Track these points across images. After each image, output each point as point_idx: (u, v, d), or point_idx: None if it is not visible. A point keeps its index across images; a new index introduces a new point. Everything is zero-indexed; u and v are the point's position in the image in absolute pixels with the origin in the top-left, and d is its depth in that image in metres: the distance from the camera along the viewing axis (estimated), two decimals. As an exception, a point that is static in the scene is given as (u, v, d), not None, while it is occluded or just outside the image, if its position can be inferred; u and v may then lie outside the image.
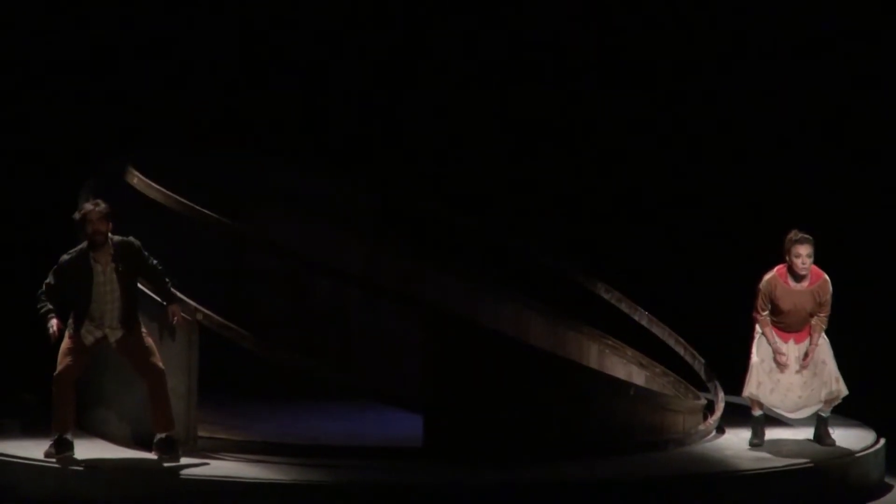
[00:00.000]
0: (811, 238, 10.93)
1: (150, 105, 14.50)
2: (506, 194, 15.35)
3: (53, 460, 9.91)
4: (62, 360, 10.07)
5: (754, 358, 11.04)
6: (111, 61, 14.55)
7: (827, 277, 11.04)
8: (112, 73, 14.54)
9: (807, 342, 11.04)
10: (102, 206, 10.09)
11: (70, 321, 10.13)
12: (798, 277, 10.97)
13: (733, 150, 15.22)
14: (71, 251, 10.22)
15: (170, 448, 10.10)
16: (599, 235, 15.20)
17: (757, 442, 11.07)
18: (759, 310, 11.05)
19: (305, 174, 13.83)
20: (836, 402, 11.13)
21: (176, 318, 10.29)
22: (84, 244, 10.14)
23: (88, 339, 10.12)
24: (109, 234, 10.11)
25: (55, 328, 9.99)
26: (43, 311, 10.06)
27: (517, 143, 15.47)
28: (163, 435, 10.13)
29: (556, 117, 15.40)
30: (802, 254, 10.90)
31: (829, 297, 11.04)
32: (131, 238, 10.22)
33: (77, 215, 10.12)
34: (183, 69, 14.72)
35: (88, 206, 10.10)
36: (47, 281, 10.14)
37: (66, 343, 10.11)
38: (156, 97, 14.54)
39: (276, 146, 14.53)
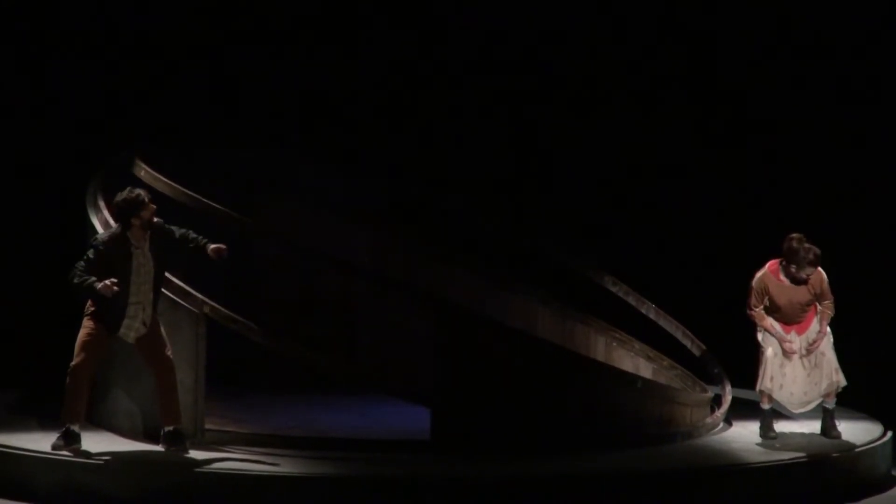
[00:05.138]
0: (819, 256, 10.89)
1: (157, 100, 14.51)
2: (513, 188, 15.35)
3: (61, 453, 9.92)
4: (80, 352, 10.04)
5: (768, 351, 11.04)
6: (116, 57, 14.57)
7: (819, 268, 11.03)
8: (117, 69, 14.55)
9: (808, 333, 11.06)
10: (146, 191, 10.17)
11: (92, 311, 10.08)
12: (792, 278, 10.99)
13: (736, 145, 15.22)
14: (104, 234, 10.21)
15: (177, 441, 10.11)
16: (607, 228, 15.19)
17: (773, 435, 11.07)
18: (752, 306, 11.05)
19: (316, 167, 13.84)
20: (836, 392, 11.15)
21: (219, 251, 10.18)
22: (117, 228, 10.12)
23: (131, 336, 10.12)
24: None
25: (109, 283, 9.83)
26: (87, 283, 9.89)
27: (522, 139, 15.47)
28: (170, 428, 10.14)
29: (561, 114, 15.40)
30: (807, 276, 10.91)
31: (825, 285, 11.06)
32: (160, 220, 10.22)
33: (126, 203, 10.04)
34: (190, 63, 14.72)
35: (142, 194, 10.08)
36: (85, 259, 10.02)
37: (84, 334, 10.08)
38: (163, 91, 14.54)
39: (285, 139, 14.53)
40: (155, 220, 10.14)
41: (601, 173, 15.32)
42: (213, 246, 10.22)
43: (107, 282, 9.86)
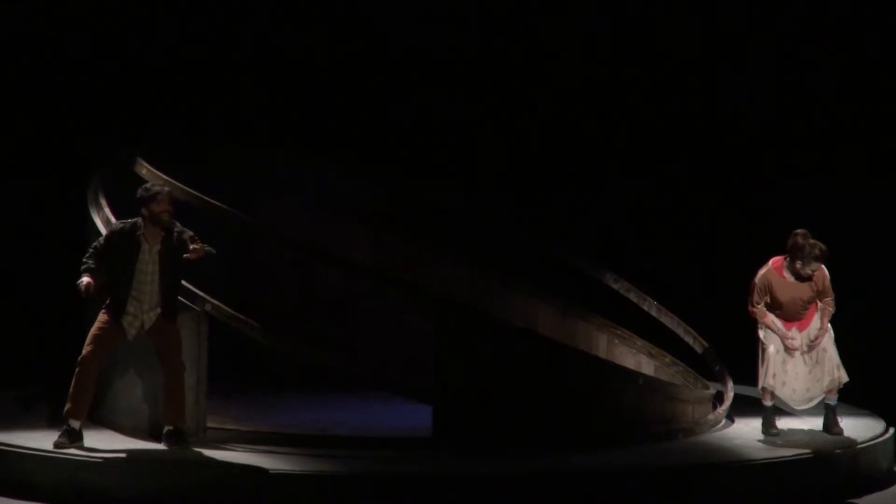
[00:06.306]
0: (825, 252, 10.89)
1: (157, 100, 14.51)
2: (514, 185, 15.35)
3: (63, 451, 9.91)
4: (89, 343, 10.03)
5: (770, 348, 11.03)
6: (117, 55, 14.57)
7: (822, 265, 11.03)
8: (117, 68, 14.55)
9: (809, 329, 11.06)
10: (168, 189, 10.18)
11: (107, 303, 10.08)
12: (796, 274, 10.98)
13: (738, 142, 15.21)
14: (123, 221, 10.19)
15: (179, 439, 10.10)
16: (607, 225, 15.19)
17: (775, 432, 11.06)
18: (754, 303, 11.05)
19: (314, 166, 13.83)
20: (838, 389, 11.14)
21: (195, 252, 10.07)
22: (138, 219, 10.11)
23: (131, 333, 10.09)
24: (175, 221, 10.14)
25: (84, 285, 9.87)
26: (82, 268, 9.96)
27: (522, 136, 15.46)
28: (171, 427, 10.13)
29: (561, 109, 15.38)
30: (812, 272, 10.90)
31: (827, 282, 11.05)
32: (187, 230, 10.19)
33: (144, 192, 10.06)
34: (189, 63, 14.72)
35: (158, 187, 10.11)
36: (96, 244, 10.09)
37: (96, 327, 10.07)
38: (163, 92, 14.54)
39: (285, 139, 14.53)
40: (177, 227, 10.11)
41: (601, 172, 15.32)
42: (190, 249, 10.11)
43: (84, 283, 9.88)
